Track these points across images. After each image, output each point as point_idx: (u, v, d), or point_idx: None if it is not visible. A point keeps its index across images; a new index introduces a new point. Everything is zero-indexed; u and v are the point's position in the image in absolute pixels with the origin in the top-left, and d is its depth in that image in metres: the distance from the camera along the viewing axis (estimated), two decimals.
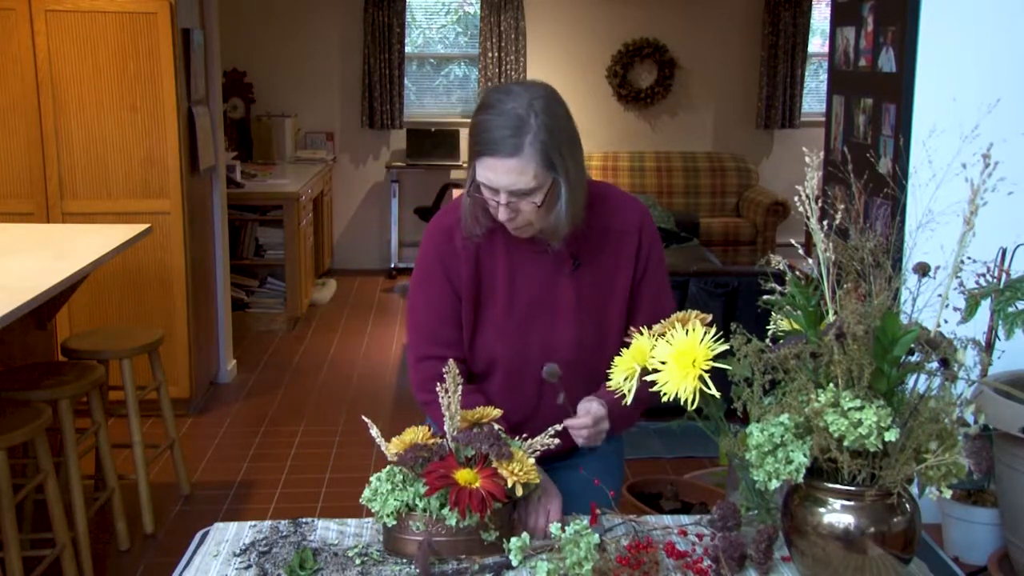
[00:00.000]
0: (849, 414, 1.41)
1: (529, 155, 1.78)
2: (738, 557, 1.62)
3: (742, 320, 1.59)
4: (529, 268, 1.96)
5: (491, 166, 1.80)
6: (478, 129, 1.82)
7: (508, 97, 1.82)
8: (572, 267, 1.96)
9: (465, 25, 8.54)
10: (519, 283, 1.96)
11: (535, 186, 1.80)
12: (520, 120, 1.78)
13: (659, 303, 2.00)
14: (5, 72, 4.63)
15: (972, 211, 1.50)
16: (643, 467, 4.32)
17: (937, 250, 1.63)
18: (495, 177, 1.80)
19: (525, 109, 1.79)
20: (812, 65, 8.73)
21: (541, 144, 1.78)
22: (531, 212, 1.84)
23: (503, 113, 1.80)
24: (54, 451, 3.50)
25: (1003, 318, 2.72)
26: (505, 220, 1.84)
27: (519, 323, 1.95)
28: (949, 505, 3.23)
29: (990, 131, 1.89)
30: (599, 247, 1.96)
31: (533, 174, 1.79)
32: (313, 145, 8.28)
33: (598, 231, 1.96)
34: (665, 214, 7.59)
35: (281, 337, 6.48)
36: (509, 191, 1.80)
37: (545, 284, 1.96)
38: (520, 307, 1.96)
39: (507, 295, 1.96)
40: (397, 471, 1.71)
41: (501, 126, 1.79)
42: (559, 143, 1.81)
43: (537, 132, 1.78)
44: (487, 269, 1.97)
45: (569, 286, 1.96)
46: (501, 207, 1.82)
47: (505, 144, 1.78)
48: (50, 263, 3.42)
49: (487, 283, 1.97)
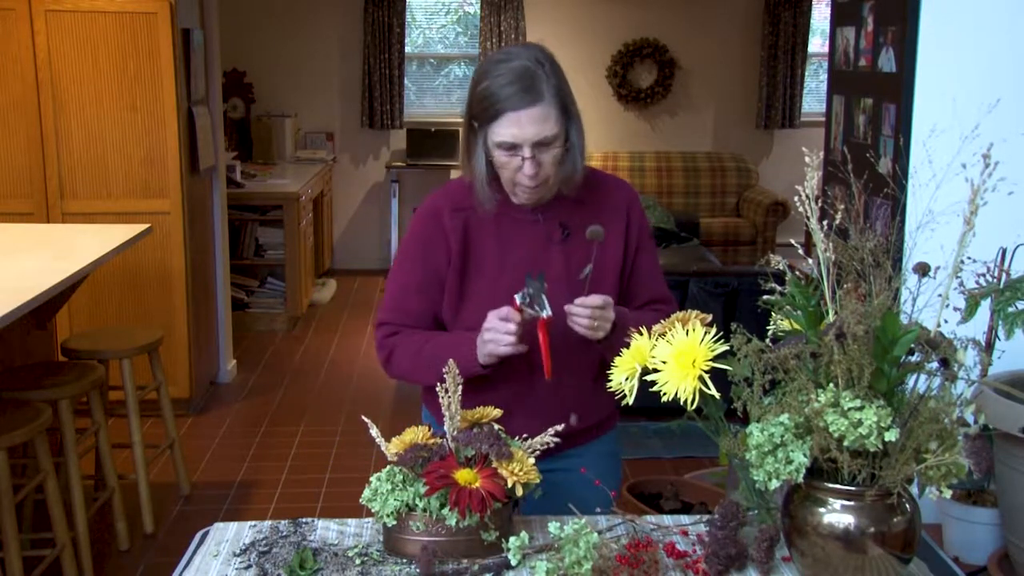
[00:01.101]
0: (849, 414, 1.41)
1: (549, 101, 1.84)
2: (735, 556, 1.62)
3: (742, 320, 1.59)
4: (519, 238, 1.98)
5: (514, 120, 1.83)
6: (487, 94, 1.85)
7: (509, 57, 1.88)
8: (562, 236, 1.98)
9: (465, 25, 8.55)
10: (509, 253, 1.98)
11: (558, 132, 1.86)
12: (530, 71, 1.84)
13: (657, 283, 2.07)
14: (5, 72, 4.63)
15: (972, 211, 1.50)
16: (643, 467, 4.32)
17: (937, 250, 1.63)
18: (520, 131, 1.83)
19: (532, 62, 1.85)
20: (812, 65, 8.73)
21: (556, 89, 1.85)
22: (551, 164, 1.88)
23: (511, 71, 1.84)
24: (54, 451, 3.50)
25: (1003, 318, 2.72)
26: (530, 175, 1.87)
27: (510, 291, 1.92)
28: (949, 505, 3.23)
29: (990, 131, 1.89)
30: (590, 220, 1.96)
31: (556, 119, 1.85)
32: (313, 145, 8.28)
33: (589, 205, 2.00)
34: (665, 214, 7.59)
35: (281, 337, 6.48)
36: (534, 142, 1.84)
37: (535, 253, 1.98)
38: (510, 276, 1.97)
39: (497, 265, 1.98)
40: (397, 471, 1.70)
41: (514, 81, 1.83)
42: (567, 90, 1.89)
43: (550, 78, 1.85)
44: (476, 242, 1.99)
45: (559, 255, 1.98)
46: (527, 162, 1.85)
47: (525, 95, 1.83)
48: (50, 263, 3.43)
49: (476, 255, 1.99)
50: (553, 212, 1.99)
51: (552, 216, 1.99)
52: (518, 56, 1.87)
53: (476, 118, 1.89)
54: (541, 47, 1.91)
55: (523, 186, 1.90)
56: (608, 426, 2.16)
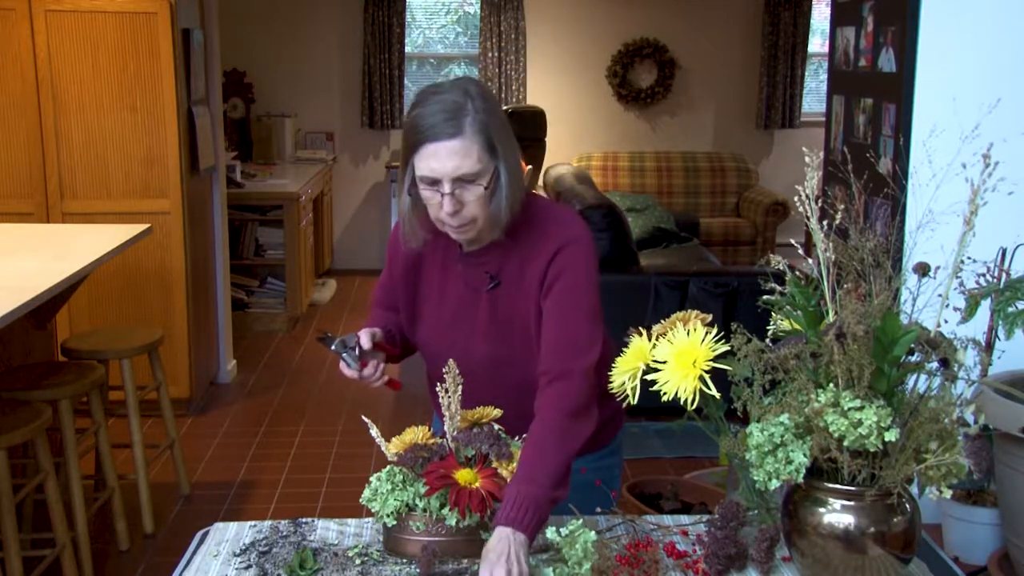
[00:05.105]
0: (849, 414, 1.41)
1: (471, 135, 1.75)
2: (735, 556, 1.62)
3: (742, 320, 1.59)
4: (455, 285, 1.96)
5: (433, 152, 1.75)
6: (414, 123, 1.78)
7: (441, 89, 1.80)
8: (489, 286, 1.92)
9: (465, 25, 8.54)
10: (446, 298, 1.97)
11: (480, 169, 1.76)
12: (457, 105, 1.76)
13: (562, 327, 1.85)
14: (5, 72, 4.63)
15: (972, 211, 1.50)
16: (643, 467, 4.32)
17: (937, 250, 1.63)
18: (438, 165, 1.75)
19: (461, 96, 1.77)
20: (812, 65, 8.73)
21: (482, 125, 1.76)
22: (476, 203, 1.78)
23: (439, 102, 1.76)
24: (54, 451, 3.50)
25: (1003, 318, 2.72)
26: (450, 214, 1.77)
27: (442, 338, 1.96)
28: (949, 505, 3.23)
29: (990, 131, 1.89)
30: (520, 269, 1.90)
31: (477, 156, 1.75)
32: (313, 145, 8.28)
33: (521, 254, 1.90)
34: (665, 214, 7.59)
35: (281, 337, 6.48)
36: (453, 178, 1.75)
37: (465, 302, 1.95)
38: (443, 323, 1.97)
39: (436, 309, 1.98)
40: (397, 471, 1.70)
41: (439, 111, 1.75)
42: (497, 127, 1.79)
43: (476, 114, 1.76)
44: (426, 269, 1.98)
45: (485, 305, 1.93)
46: (446, 198, 1.76)
47: (446, 127, 1.74)
48: (50, 263, 3.42)
49: (425, 281, 1.99)
50: (483, 258, 1.92)
51: (481, 264, 1.92)
52: (449, 89, 1.79)
53: (404, 150, 1.83)
54: (478, 82, 1.84)
55: (447, 225, 1.82)
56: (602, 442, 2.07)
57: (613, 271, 4.94)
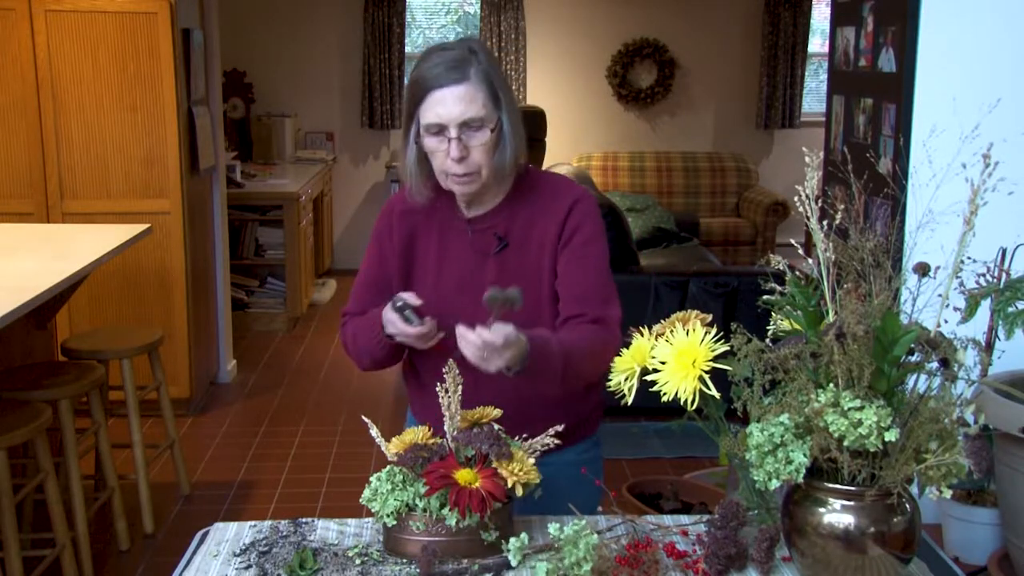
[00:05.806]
0: (849, 414, 1.41)
1: (476, 82, 1.83)
2: (735, 556, 1.62)
3: (742, 320, 1.59)
4: (457, 250, 1.97)
5: (440, 99, 1.83)
6: (419, 75, 1.86)
7: (445, 46, 1.89)
8: (496, 248, 1.94)
9: (465, 25, 8.54)
10: (447, 266, 1.98)
11: (484, 115, 1.83)
12: (462, 56, 1.85)
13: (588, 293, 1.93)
14: (5, 72, 4.63)
15: (972, 211, 1.50)
16: (643, 467, 4.32)
17: (937, 250, 1.63)
18: (444, 110, 1.82)
19: (465, 51, 1.86)
20: (812, 65, 8.73)
21: (485, 74, 1.85)
22: (481, 150, 1.85)
23: (444, 57, 1.85)
24: (54, 451, 3.50)
25: (1003, 318, 2.72)
26: (456, 160, 1.84)
27: (446, 306, 1.92)
28: (949, 505, 3.23)
29: (990, 131, 1.89)
30: (527, 231, 1.94)
31: (482, 103, 1.83)
32: (313, 145, 8.28)
33: (528, 215, 1.95)
34: (665, 214, 7.59)
35: (281, 337, 6.48)
36: (460, 123, 1.82)
37: (470, 266, 1.96)
38: (447, 290, 1.96)
39: (435, 278, 1.98)
40: (397, 471, 1.70)
41: (444, 62, 1.84)
42: (500, 81, 1.88)
43: (480, 63, 1.85)
44: (419, 249, 2.00)
45: (493, 268, 1.94)
46: (452, 143, 1.83)
47: (451, 74, 1.83)
48: (50, 263, 3.43)
49: (419, 262, 2.00)
50: (489, 222, 1.95)
51: (488, 227, 1.95)
52: (453, 47, 1.89)
53: (408, 105, 1.89)
54: (480, 40, 1.94)
55: (453, 174, 1.87)
56: (580, 435, 2.07)
57: (613, 271, 4.92)
